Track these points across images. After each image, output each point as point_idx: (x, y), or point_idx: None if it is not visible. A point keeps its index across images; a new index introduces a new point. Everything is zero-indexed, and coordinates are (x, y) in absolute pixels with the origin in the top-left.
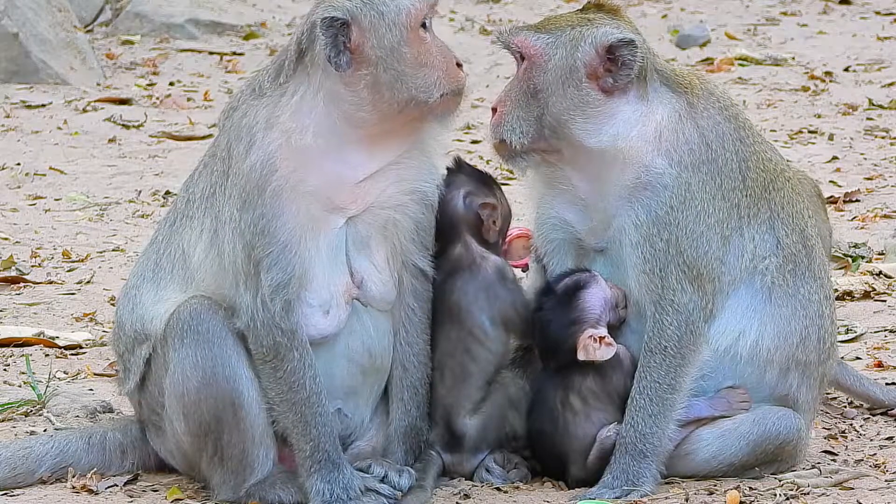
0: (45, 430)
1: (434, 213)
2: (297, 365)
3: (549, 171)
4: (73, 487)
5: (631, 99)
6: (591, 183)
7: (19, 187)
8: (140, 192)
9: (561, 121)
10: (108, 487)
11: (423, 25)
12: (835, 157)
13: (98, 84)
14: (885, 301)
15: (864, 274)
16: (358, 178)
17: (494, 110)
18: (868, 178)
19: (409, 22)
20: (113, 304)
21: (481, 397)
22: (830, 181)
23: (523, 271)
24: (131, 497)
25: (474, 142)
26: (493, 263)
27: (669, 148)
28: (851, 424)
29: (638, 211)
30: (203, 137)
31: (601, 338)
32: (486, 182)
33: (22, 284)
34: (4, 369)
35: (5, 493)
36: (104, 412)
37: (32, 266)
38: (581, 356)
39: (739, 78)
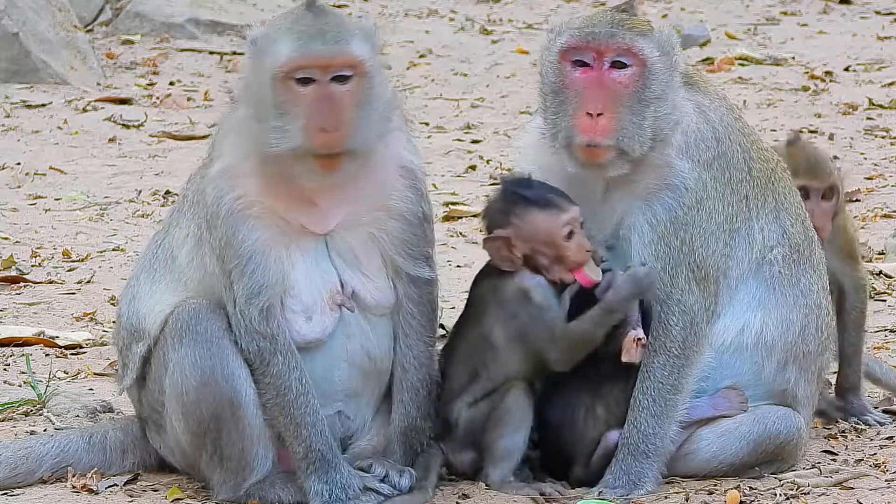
0: (45, 430)
1: (424, 224)
2: (281, 369)
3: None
4: (74, 487)
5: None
6: (613, 181)
7: (19, 187)
8: (140, 192)
9: None
10: (109, 487)
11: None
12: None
13: (98, 84)
14: (885, 301)
15: None
16: (315, 203)
17: None
18: (868, 178)
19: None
20: (113, 304)
21: (480, 395)
22: None
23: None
24: (131, 497)
25: (475, 141)
26: (516, 284)
27: (690, 147)
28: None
29: (656, 210)
30: (203, 137)
31: (638, 339)
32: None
33: (22, 284)
34: (4, 369)
35: (5, 493)
36: (104, 412)
37: (32, 266)
38: (625, 359)
39: (739, 78)
